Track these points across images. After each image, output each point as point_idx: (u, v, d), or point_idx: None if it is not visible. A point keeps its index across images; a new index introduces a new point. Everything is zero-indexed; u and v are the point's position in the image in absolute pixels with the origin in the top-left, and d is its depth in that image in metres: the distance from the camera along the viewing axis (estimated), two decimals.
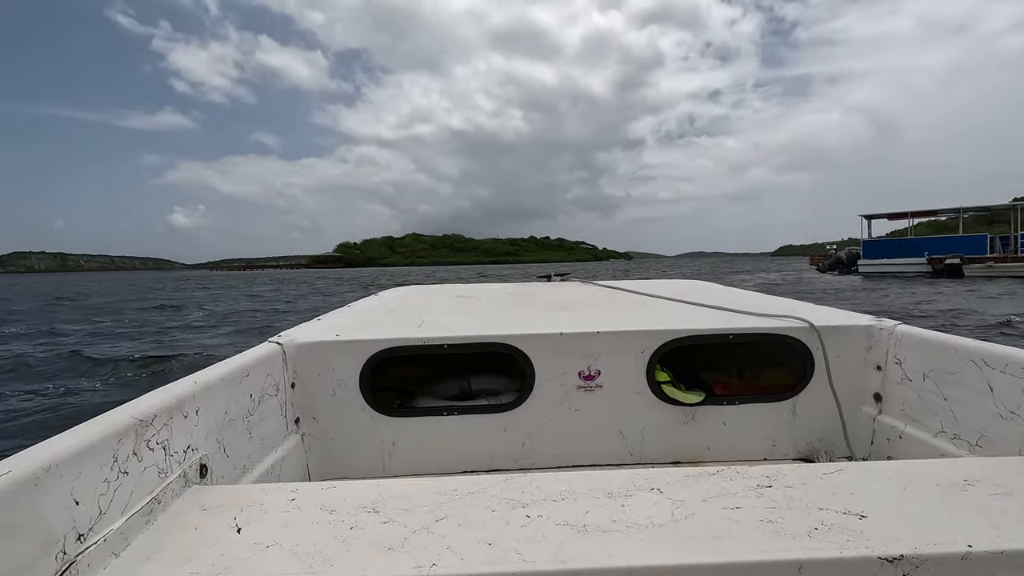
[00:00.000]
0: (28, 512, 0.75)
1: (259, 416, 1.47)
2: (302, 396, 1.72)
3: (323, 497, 0.99)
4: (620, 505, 0.91)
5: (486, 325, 1.96)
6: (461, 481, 1.02)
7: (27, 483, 0.76)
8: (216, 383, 1.28)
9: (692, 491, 0.94)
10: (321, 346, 1.73)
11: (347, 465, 1.77)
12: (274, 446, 1.54)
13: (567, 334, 1.74)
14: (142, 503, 0.95)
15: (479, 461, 1.80)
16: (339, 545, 0.83)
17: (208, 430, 1.22)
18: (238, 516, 0.94)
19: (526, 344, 1.74)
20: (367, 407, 1.75)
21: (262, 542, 0.85)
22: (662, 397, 1.77)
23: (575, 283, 3.50)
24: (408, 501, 0.96)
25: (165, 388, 1.17)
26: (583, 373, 1.75)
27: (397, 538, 0.84)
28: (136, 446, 0.98)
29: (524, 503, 0.93)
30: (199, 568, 0.79)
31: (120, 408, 1.03)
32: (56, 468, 0.81)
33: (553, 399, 1.76)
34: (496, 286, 3.37)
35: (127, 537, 0.89)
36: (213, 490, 1.09)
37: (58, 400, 6.34)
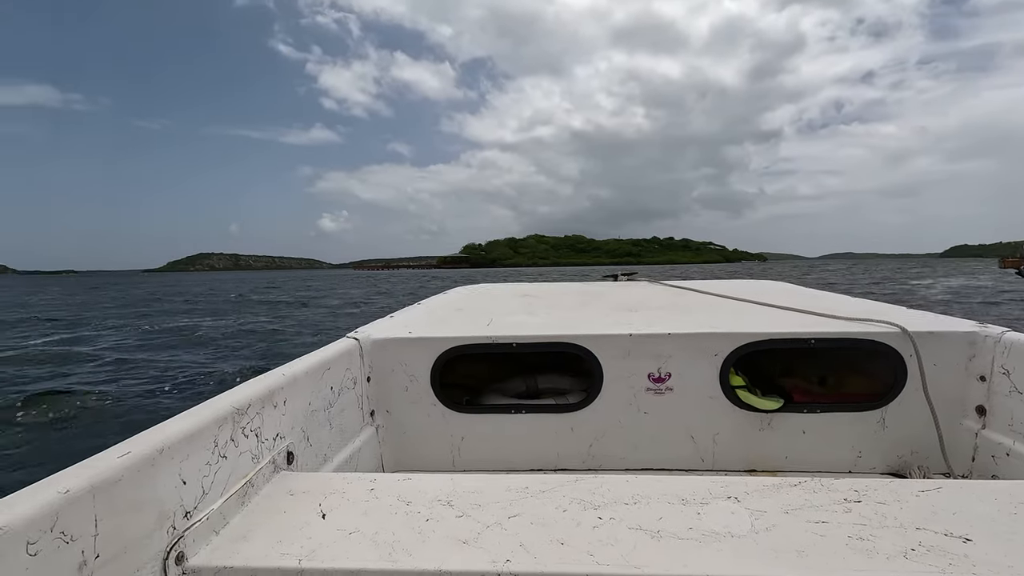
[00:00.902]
0: (146, 489, 0.83)
1: (339, 408, 1.54)
2: (377, 390, 1.78)
3: (399, 488, 1.04)
4: (695, 513, 0.89)
5: (554, 325, 1.96)
6: (531, 479, 1.03)
7: (145, 463, 0.83)
8: (301, 376, 1.35)
9: (772, 502, 0.91)
10: (395, 342, 1.79)
11: (418, 458, 1.81)
12: (352, 437, 1.61)
13: (636, 335, 1.71)
14: (238, 486, 1.01)
15: (546, 460, 1.79)
16: (416, 536, 0.86)
17: (294, 420, 1.29)
18: (322, 502, 1.00)
19: (594, 344, 1.72)
20: (437, 402, 1.78)
21: (345, 528, 0.90)
22: (737, 402, 1.71)
23: (642, 283, 3.40)
24: (480, 496, 0.98)
25: (258, 379, 1.24)
26: (653, 375, 1.72)
27: (471, 533, 0.86)
28: (233, 432, 1.05)
29: (595, 505, 0.93)
30: (289, 550, 0.85)
31: (220, 396, 1.10)
32: (168, 450, 0.88)
33: (621, 401, 1.74)
34: (561, 285, 3.33)
35: (225, 517, 0.96)
36: (299, 476, 1.15)
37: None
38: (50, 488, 0.71)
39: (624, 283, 3.43)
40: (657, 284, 3.20)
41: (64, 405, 6.99)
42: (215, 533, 0.92)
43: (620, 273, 3.67)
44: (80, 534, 0.71)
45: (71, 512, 0.70)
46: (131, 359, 10.56)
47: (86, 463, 0.79)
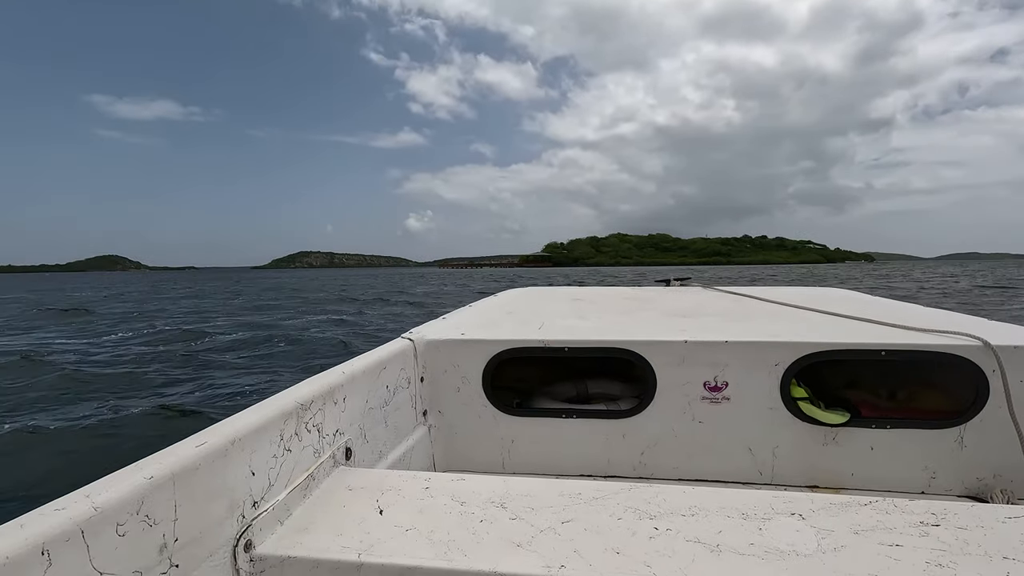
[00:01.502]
0: (219, 478, 0.87)
1: (393, 406, 1.57)
2: (430, 390, 1.81)
3: (453, 488, 1.05)
4: (757, 528, 0.86)
5: (606, 329, 1.92)
6: (584, 485, 1.03)
7: (219, 453, 0.87)
8: (359, 374, 1.39)
9: (840, 521, 0.88)
10: (448, 344, 1.80)
11: (469, 459, 1.82)
12: (405, 435, 1.65)
13: (692, 342, 1.66)
14: (300, 479, 1.05)
15: (596, 466, 1.77)
16: (471, 536, 0.87)
17: (352, 417, 1.32)
18: (380, 499, 1.02)
19: (648, 350, 1.69)
20: (489, 404, 1.79)
21: (401, 525, 0.92)
22: (798, 415, 1.65)
23: (696, 288, 3.30)
24: (533, 500, 0.98)
25: (320, 376, 1.28)
26: (709, 384, 1.67)
27: (525, 536, 0.86)
28: (297, 427, 1.08)
29: (651, 514, 0.92)
30: (349, 543, 0.87)
31: (285, 392, 1.14)
32: (239, 442, 0.91)
33: (675, 409, 1.70)
34: (611, 289, 3.26)
35: (289, 508, 0.99)
36: (357, 472, 1.18)
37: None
38: (137, 474, 0.75)
39: (677, 288, 3.36)
40: (712, 290, 3.11)
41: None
42: (280, 523, 0.95)
43: (672, 278, 3.59)
44: (162, 518, 0.75)
45: (154, 497, 0.74)
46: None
47: (167, 451, 0.83)
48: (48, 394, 6.73)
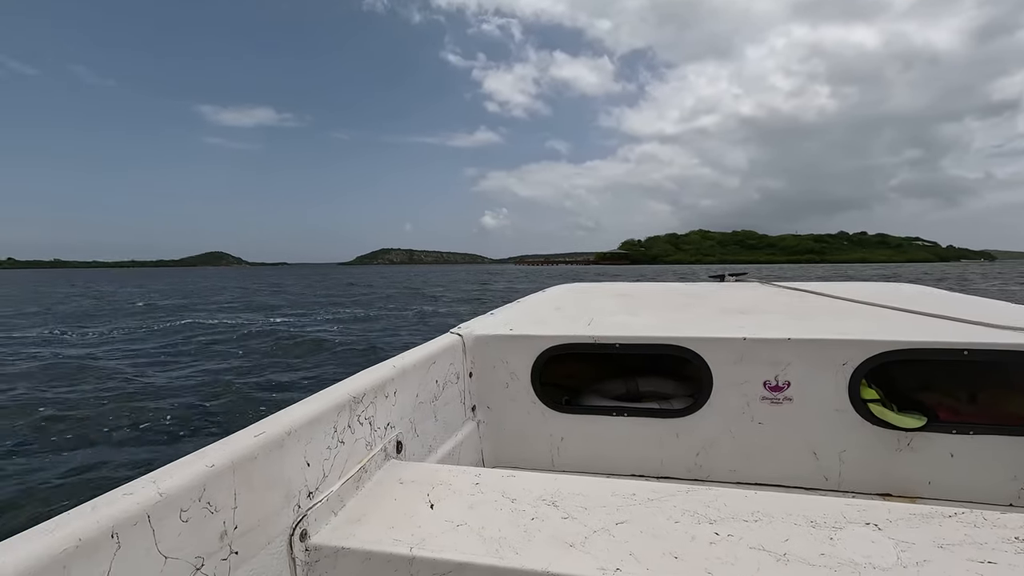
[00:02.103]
0: (276, 468, 0.88)
1: (443, 401, 1.55)
2: (478, 385, 1.79)
3: (503, 485, 1.03)
4: (827, 537, 0.81)
5: (658, 326, 1.85)
6: (638, 486, 1.00)
7: (276, 444, 0.88)
8: (410, 368, 1.38)
9: (921, 533, 0.82)
10: (497, 339, 1.77)
11: (517, 455, 1.79)
12: (454, 430, 1.63)
13: (751, 339, 1.59)
14: (353, 471, 1.05)
15: (648, 466, 1.70)
16: (522, 534, 0.86)
17: (403, 410, 1.31)
18: (430, 493, 1.02)
19: (704, 348, 1.62)
20: (537, 401, 1.76)
21: (452, 520, 0.91)
22: (869, 418, 1.54)
23: (753, 284, 3.15)
24: (585, 499, 0.96)
25: (372, 369, 1.27)
26: (769, 383, 1.58)
27: (578, 536, 0.84)
28: (350, 420, 1.09)
29: (711, 519, 0.88)
30: (400, 536, 0.87)
31: (338, 385, 1.15)
32: (295, 433, 0.92)
33: (733, 409, 1.62)
34: (662, 285, 3.16)
35: (343, 499, 1.00)
36: (407, 465, 1.18)
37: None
38: (199, 462, 0.77)
39: (732, 284, 3.21)
40: (770, 286, 2.98)
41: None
42: (333, 514, 0.96)
43: (728, 273, 3.47)
44: (222, 506, 0.77)
45: (215, 485, 0.76)
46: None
47: (226, 440, 0.85)
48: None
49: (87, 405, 6.87)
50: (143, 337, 13.83)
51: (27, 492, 4.31)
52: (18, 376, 8.80)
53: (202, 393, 7.55)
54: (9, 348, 12.02)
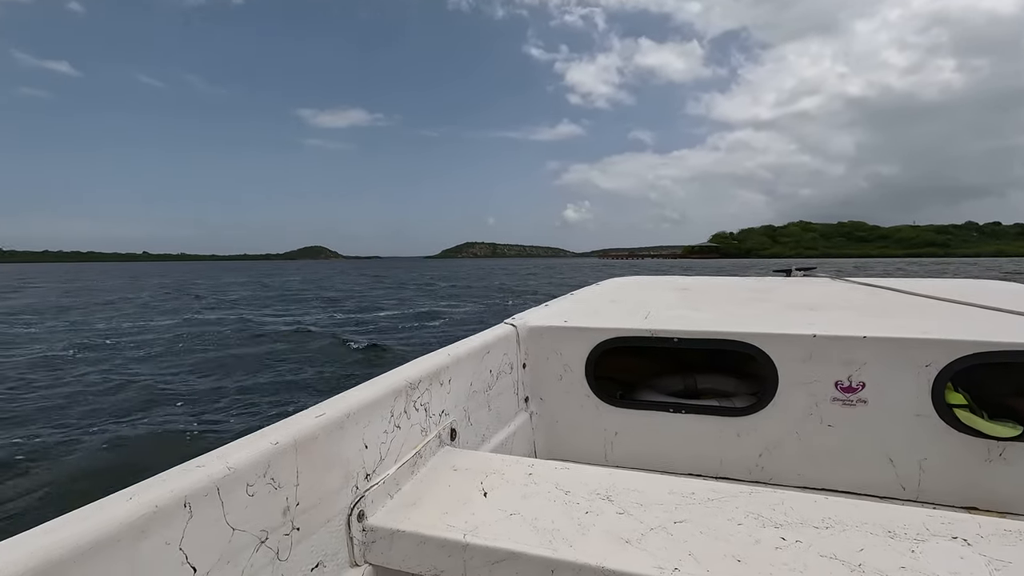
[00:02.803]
0: (336, 448, 0.90)
1: (496, 391, 1.55)
2: (532, 377, 1.77)
3: (557, 476, 1.03)
4: (909, 550, 0.76)
5: (720, 320, 1.78)
6: (698, 485, 0.97)
7: (336, 425, 0.90)
8: (464, 357, 1.38)
9: (1019, 552, 0.75)
10: (551, 331, 1.76)
11: (570, 448, 1.77)
12: (507, 421, 1.62)
13: (822, 336, 1.51)
14: (408, 455, 1.07)
15: (706, 465, 1.65)
16: (576, 527, 0.85)
17: (457, 398, 1.32)
18: (483, 481, 1.02)
19: (769, 344, 1.55)
20: (591, 394, 1.74)
21: (505, 510, 0.91)
22: (955, 424, 1.44)
23: (823, 279, 2.93)
24: (641, 495, 0.94)
25: (427, 357, 1.27)
26: (841, 384, 1.50)
27: (634, 533, 0.83)
28: (406, 405, 1.10)
29: (776, 523, 0.84)
30: (454, 523, 0.88)
31: (395, 371, 1.16)
32: (353, 415, 0.94)
33: (800, 409, 1.55)
34: (723, 279, 2.97)
35: (398, 483, 1.01)
36: (461, 453, 1.18)
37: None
38: (264, 439, 0.79)
39: (800, 279, 2.99)
40: (841, 281, 2.77)
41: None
42: (389, 497, 0.98)
43: (795, 267, 3.28)
44: (285, 483, 0.79)
45: (279, 462, 0.78)
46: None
47: (289, 420, 0.87)
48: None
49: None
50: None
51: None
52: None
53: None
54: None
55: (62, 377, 9.40)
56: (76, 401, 7.78)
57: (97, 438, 6.08)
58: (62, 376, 9.47)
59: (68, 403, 7.68)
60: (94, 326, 17.17)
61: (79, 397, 8.02)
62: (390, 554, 0.89)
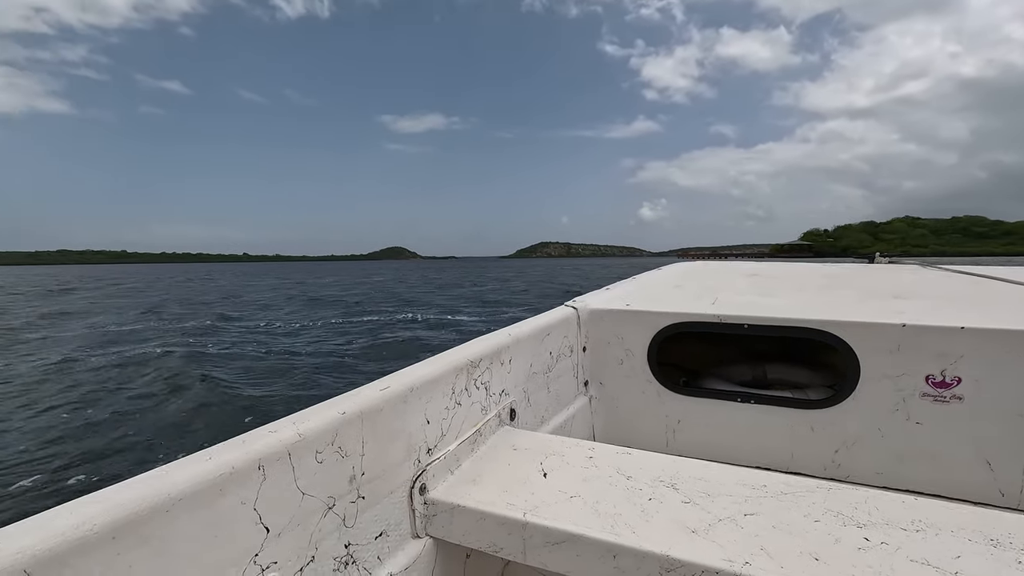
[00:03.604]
0: (399, 422, 0.91)
1: (556, 373, 1.53)
2: (592, 360, 1.74)
3: (618, 461, 1.01)
4: (1016, 560, 0.70)
5: (795, 307, 1.66)
6: (770, 477, 0.93)
7: (399, 399, 0.91)
8: (525, 338, 1.37)
9: None
10: (612, 314, 1.72)
11: (630, 435, 1.74)
12: (566, 403, 1.60)
13: (913, 326, 1.38)
14: (469, 432, 1.07)
15: (776, 459, 1.56)
16: (639, 513, 0.83)
17: (517, 379, 1.32)
18: (543, 462, 1.02)
19: (850, 333, 1.44)
20: (653, 380, 1.69)
21: (566, 491, 0.90)
22: None
23: (911, 265, 2.81)
24: (708, 485, 0.90)
25: (488, 336, 1.27)
26: (933, 378, 1.38)
27: (701, 523, 0.80)
28: (467, 383, 1.10)
29: (859, 522, 0.79)
30: (514, 501, 0.88)
31: (456, 349, 1.16)
32: (417, 390, 0.95)
33: (884, 404, 1.43)
34: (796, 265, 2.82)
35: (459, 459, 1.02)
36: (520, 433, 1.18)
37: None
38: (332, 409, 0.81)
39: (884, 266, 2.85)
40: (934, 268, 2.61)
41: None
42: (450, 472, 0.98)
43: (879, 253, 3.12)
44: (351, 452, 0.81)
45: (346, 432, 0.80)
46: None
47: (355, 392, 0.88)
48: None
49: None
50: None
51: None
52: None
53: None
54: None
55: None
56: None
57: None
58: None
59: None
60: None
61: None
62: (450, 528, 0.89)
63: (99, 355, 12.56)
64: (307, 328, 17.82)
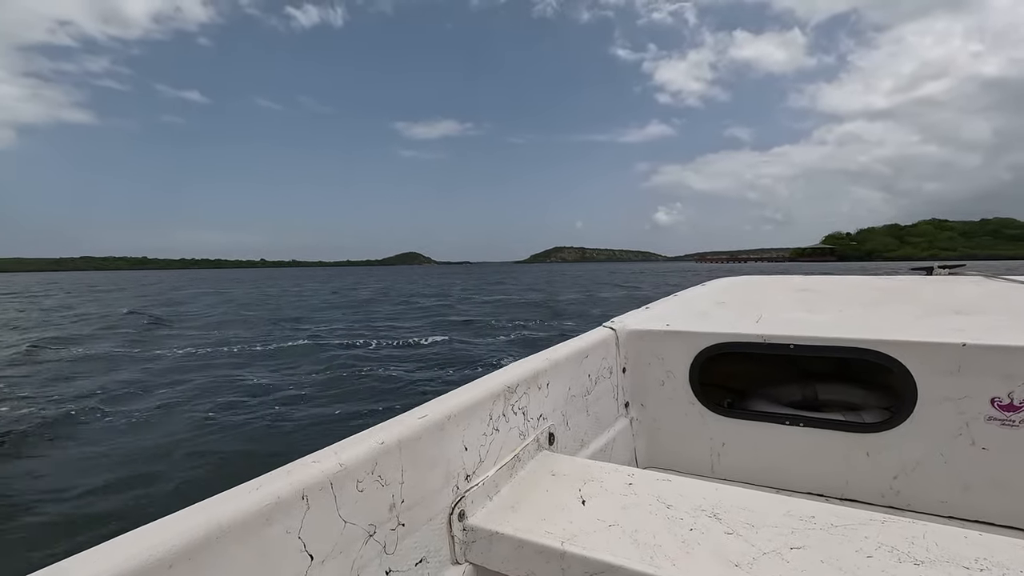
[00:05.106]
0: (437, 449, 0.91)
1: (595, 396, 1.51)
2: (632, 382, 1.72)
3: (659, 488, 0.99)
4: None
5: (845, 325, 1.60)
6: (819, 508, 0.89)
7: (437, 427, 0.91)
8: (563, 361, 1.36)
9: None
10: (652, 335, 1.70)
11: (673, 457, 1.71)
12: (607, 426, 1.58)
13: (975, 345, 1.31)
14: (507, 458, 1.06)
15: (828, 486, 1.50)
16: (679, 545, 0.80)
17: (555, 403, 1.31)
18: (582, 488, 1.01)
19: (906, 353, 1.37)
20: (696, 401, 1.65)
21: (604, 520, 0.89)
22: None
23: (974, 277, 2.61)
24: (752, 515, 0.87)
25: (525, 361, 1.27)
26: (999, 401, 1.31)
27: (744, 556, 0.77)
28: (504, 409, 1.10)
29: (916, 559, 0.74)
30: (552, 529, 0.87)
31: (493, 375, 1.15)
32: (455, 417, 0.95)
33: (945, 428, 1.36)
34: (850, 279, 2.66)
35: (497, 485, 1.01)
36: (559, 458, 1.17)
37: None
38: (371, 438, 0.82)
39: (943, 278, 2.67)
40: (997, 280, 2.43)
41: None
42: (489, 499, 0.98)
43: (938, 265, 2.97)
44: (391, 480, 0.82)
45: (385, 461, 0.81)
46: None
47: (394, 420, 0.89)
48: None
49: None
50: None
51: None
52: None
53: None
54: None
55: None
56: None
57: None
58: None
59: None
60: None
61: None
62: (489, 555, 0.89)
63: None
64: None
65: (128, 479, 4.93)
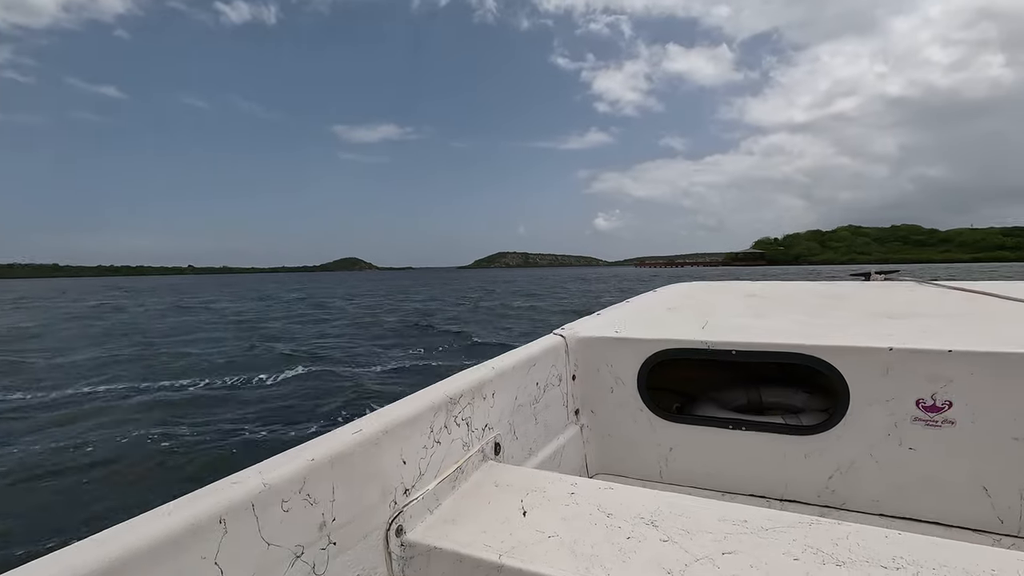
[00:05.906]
0: (373, 464, 0.90)
1: (544, 404, 1.52)
2: (582, 389, 1.73)
3: (601, 497, 0.99)
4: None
5: (785, 331, 1.64)
6: (752, 512, 0.91)
7: (372, 441, 0.91)
8: (509, 370, 1.36)
9: None
10: (601, 342, 1.71)
11: (623, 463, 1.73)
12: (556, 434, 1.59)
13: (901, 350, 1.36)
14: (449, 471, 1.06)
15: (769, 487, 1.54)
16: (616, 554, 0.81)
17: (502, 412, 1.30)
18: (524, 499, 1.00)
19: (839, 358, 1.43)
20: (644, 408, 1.67)
21: (544, 531, 0.89)
22: None
23: (908, 283, 2.67)
24: (689, 521, 0.89)
25: (469, 371, 1.26)
26: (924, 402, 1.36)
27: (677, 563, 0.78)
28: (447, 420, 1.09)
29: (839, 560, 0.75)
30: (491, 542, 0.86)
31: (435, 386, 1.14)
32: (391, 432, 0.94)
33: (877, 429, 1.41)
34: (794, 284, 2.75)
35: (438, 498, 1.01)
36: (505, 468, 1.17)
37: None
38: (301, 456, 0.80)
39: (880, 284, 2.71)
40: (929, 285, 2.51)
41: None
42: (429, 512, 0.97)
43: (874, 271, 2.98)
44: (321, 499, 0.80)
45: (315, 478, 0.79)
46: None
47: (326, 437, 0.88)
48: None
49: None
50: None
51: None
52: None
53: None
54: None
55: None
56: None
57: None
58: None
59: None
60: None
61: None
62: (427, 570, 0.88)
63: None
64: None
65: None
